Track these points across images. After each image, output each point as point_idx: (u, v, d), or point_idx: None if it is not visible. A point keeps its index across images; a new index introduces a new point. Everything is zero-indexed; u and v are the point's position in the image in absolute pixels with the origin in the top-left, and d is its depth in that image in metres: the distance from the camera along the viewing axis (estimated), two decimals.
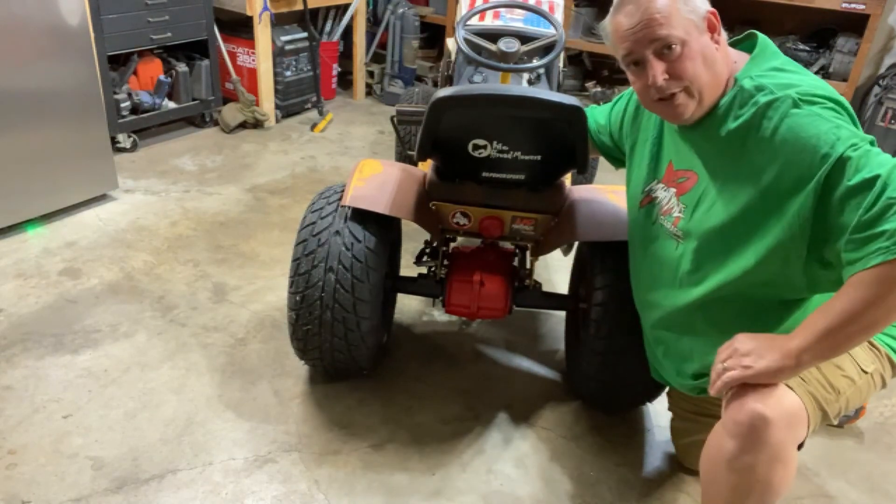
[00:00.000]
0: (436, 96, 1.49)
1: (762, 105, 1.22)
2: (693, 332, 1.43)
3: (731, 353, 1.21)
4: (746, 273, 1.28)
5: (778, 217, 1.21)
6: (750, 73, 1.28)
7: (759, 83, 1.25)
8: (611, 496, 1.72)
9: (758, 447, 1.17)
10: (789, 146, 1.18)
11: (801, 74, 1.28)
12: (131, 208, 2.94)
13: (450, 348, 2.24)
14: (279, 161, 3.55)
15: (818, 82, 1.26)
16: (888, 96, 3.53)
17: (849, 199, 1.10)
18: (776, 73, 1.27)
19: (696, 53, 1.25)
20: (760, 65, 1.29)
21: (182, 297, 2.37)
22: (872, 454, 1.92)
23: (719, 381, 1.21)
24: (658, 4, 1.23)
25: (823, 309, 1.14)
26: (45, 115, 2.62)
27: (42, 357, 2.04)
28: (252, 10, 3.64)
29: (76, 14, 2.61)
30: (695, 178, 1.39)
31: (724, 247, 1.32)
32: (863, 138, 1.15)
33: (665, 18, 1.23)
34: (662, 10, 1.23)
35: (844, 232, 1.11)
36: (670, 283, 1.46)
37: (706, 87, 1.28)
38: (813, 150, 1.15)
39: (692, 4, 1.26)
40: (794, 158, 1.17)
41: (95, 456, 1.71)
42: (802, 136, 1.16)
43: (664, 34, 1.24)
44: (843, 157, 1.12)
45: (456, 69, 2.43)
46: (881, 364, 1.33)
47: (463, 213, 1.81)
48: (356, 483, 1.70)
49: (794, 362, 1.14)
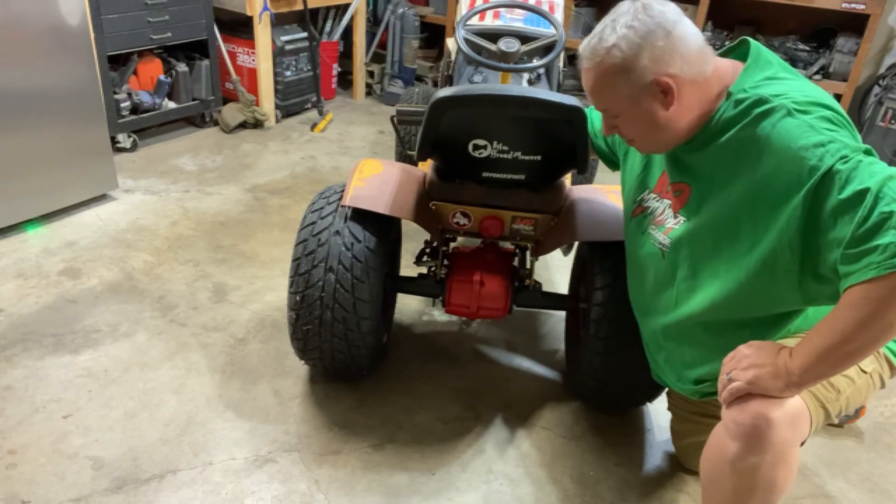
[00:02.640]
0: (436, 96, 1.49)
1: (756, 115, 1.21)
2: (694, 342, 1.43)
3: (735, 364, 1.21)
4: (739, 286, 1.27)
5: (766, 228, 1.20)
6: (744, 85, 1.27)
7: (754, 94, 1.24)
8: (611, 496, 1.72)
9: (762, 448, 1.17)
10: (779, 156, 1.17)
11: (795, 81, 1.27)
12: (131, 208, 2.94)
13: (450, 348, 2.24)
14: (279, 161, 3.56)
15: (813, 89, 1.25)
16: (888, 96, 3.53)
17: (841, 214, 1.08)
18: (770, 82, 1.25)
19: (634, 120, 1.32)
20: (754, 75, 1.28)
21: (182, 297, 2.37)
22: (872, 454, 1.92)
23: (725, 391, 1.21)
24: (590, 83, 1.32)
25: (820, 328, 1.12)
26: (45, 115, 2.62)
27: (42, 357, 2.04)
28: (252, 10, 3.64)
29: (76, 14, 2.61)
30: (688, 191, 1.39)
31: (716, 255, 1.32)
32: (855, 149, 1.12)
33: (600, 92, 1.32)
34: (594, 88, 1.32)
35: (838, 246, 1.09)
36: (667, 293, 1.46)
37: (659, 138, 1.34)
38: (802, 161, 1.13)
39: (633, 75, 1.25)
40: (784, 168, 1.16)
41: (95, 456, 1.71)
42: (793, 147, 1.15)
43: (602, 107, 1.36)
44: (831, 169, 1.10)
45: (456, 69, 2.43)
46: (880, 365, 1.33)
47: (463, 213, 1.81)
48: (356, 483, 1.70)
49: (797, 381, 1.14)
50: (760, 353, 1.19)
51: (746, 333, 1.31)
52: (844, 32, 3.74)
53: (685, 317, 1.40)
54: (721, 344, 1.34)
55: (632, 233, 1.55)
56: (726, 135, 1.26)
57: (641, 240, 1.51)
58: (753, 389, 1.17)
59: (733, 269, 1.28)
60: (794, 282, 1.21)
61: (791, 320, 1.33)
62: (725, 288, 1.30)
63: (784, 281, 1.22)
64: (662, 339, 1.51)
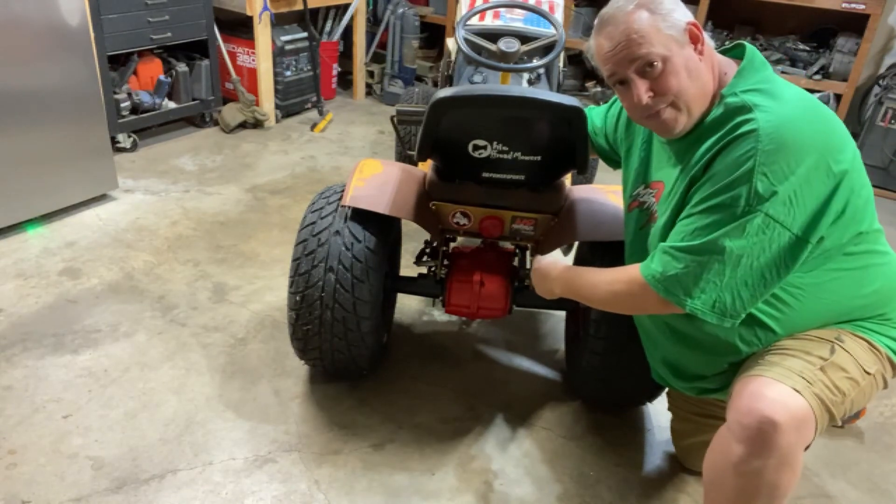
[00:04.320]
0: (436, 96, 1.49)
1: (738, 135, 1.20)
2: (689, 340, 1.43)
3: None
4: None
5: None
6: (735, 90, 1.27)
7: (743, 101, 1.23)
8: (611, 496, 1.72)
9: (766, 452, 1.17)
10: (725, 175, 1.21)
11: (784, 89, 1.26)
12: (131, 208, 2.94)
13: (450, 348, 2.23)
14: (279, 161, 3.56)
15: (800, 101, 1.24)
16: (888, 96, 3.53)
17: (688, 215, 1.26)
18: (758, 92, 1.25)
19: (680, 68, 1.25)
20: (747, 79, 1.28)
21: (182, 297, 2.37)
22: (872, 454, 1.92)
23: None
24: (636, 25, 1.23)
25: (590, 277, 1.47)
26: (45, 115, 2.62)
27: (42, 357, 2.04)
28: (252, 9, 3.64)
29: (76, 14, 2.61)
30: (662, 188, 1.40)
31: None
32: (759, 208, 1.17)
33: (643, 38, 1.23)
34: (640, 29, 1.23)
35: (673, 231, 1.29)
36: None
37: (693, 99, 1.28)
38: (736, 190, 1.19)
39: (671, 19, 1.25)
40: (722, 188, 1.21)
41: (95, 456, 1.71)
42: (736, 174, 1.20)
43: (644, 53, 1.24)
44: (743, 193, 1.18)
45: (456, 69, 2.43)
46: (882, 365, 1.33)
47: (463, 213, 1.80)
48: (356, 483, 1.70)
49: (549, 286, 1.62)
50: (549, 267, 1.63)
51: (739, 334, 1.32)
52: (844, 32, 3.74)
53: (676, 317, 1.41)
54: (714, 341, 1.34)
55: (629, 228, 1.56)
56: (710, 139, 1.26)
57: (638, 235, 1.51)
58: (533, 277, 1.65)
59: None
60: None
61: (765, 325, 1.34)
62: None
63: None
64: (660, 339, 1.52)
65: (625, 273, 1.38)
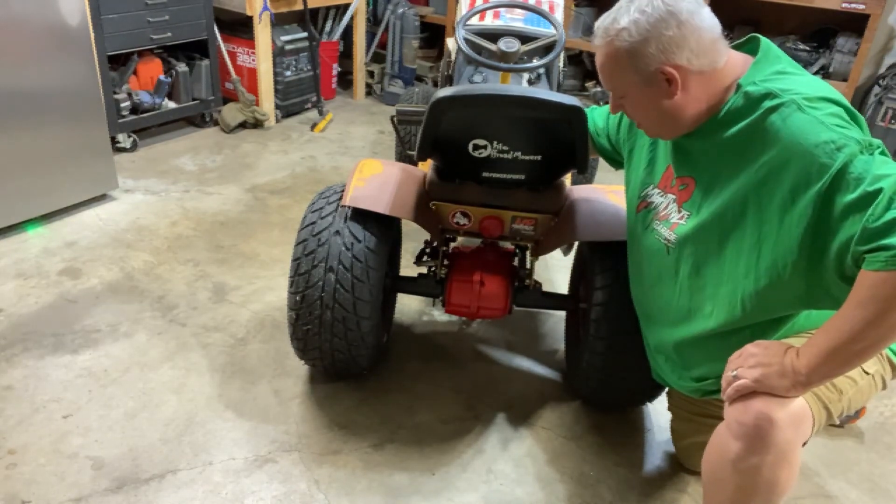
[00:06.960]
0: (436, 96, 1.49)
1: (766, 109, 1.20)
2: (696, 344, 1.43)
3: (741, 362, 1.21)
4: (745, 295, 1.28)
5: (772, 226, 1.20)
6: (753, 79, 1.26)
7: (764, 88, 1.23)
8: (611, 496, 1.72)
9: (764, 448, 1.17)
10: (788, 151, 1.16)
11: (804, 77, 1.26)
12: (131, 208, 2.94)
13: (450, 348, 2.23)
14: (279, 161, 3.55)
15: (821, 85, 1.24)
16: (888, 96, 3.53)
17: (852, 213, 1.08)
18: (780, 76, 1.25)
19: (639, 104, 1.33)
20: (764, 69, 1.27)
21: (182, 296, 2.37)
22: (872, 454, 1.92)
23: (730, 388, 1.20)
24: (600, 61, 1.33)
25: (828, 327, 1.12)
26: (45, 115, 2.62)
27: (42, 357, 2.04)
28: (252, 9, 3.63)
29: (76, 14, 2.61)
30: (693, 184, 1.38)
31: (720, 253, 1.31)
32: (867, 146, 1.11)
33: (610, 71, 1.33)
34: (603, 67, 1.33)
35: (847, 246, 1.08)
36: (668, 290, 1.46)
37: (663, 125, 1.34)
38: (812, 158, 1.13)
39: (640, 61, 1.25)
40: (793, 165, 1.15)
41: (95, 456, 1.71)
42: (803, 144, 1.14)
43: (608, 86, 1.37)
44: (841, 169, 1.09)
45: (456, 69, 2.43)
46: (882, 366, 1.33)
47: (463, 213, 1.80)
48: (356, 483, 1.70)
49: (804, 381, 1.13)
50: (768, 351, 1.18)
51: (747, 333, 1.31)
52: (844, 32, 3.74)
53: (693, 335, 1.41)
54: (723, 344, 1.34)
55: (635, 228, 1.55)
56: (734, 127, 1.25)
57: (645, 235, 1.50)
58: (759, 388, 1.17)
59: (737, 265, 1.28)
60: (802, 285, 1.21)
61: (792, 320, 1.33)
62: (732, 301, 1.30)
63: (790, 284, 1.21)
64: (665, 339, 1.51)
65: (866, 287, 1.07)
